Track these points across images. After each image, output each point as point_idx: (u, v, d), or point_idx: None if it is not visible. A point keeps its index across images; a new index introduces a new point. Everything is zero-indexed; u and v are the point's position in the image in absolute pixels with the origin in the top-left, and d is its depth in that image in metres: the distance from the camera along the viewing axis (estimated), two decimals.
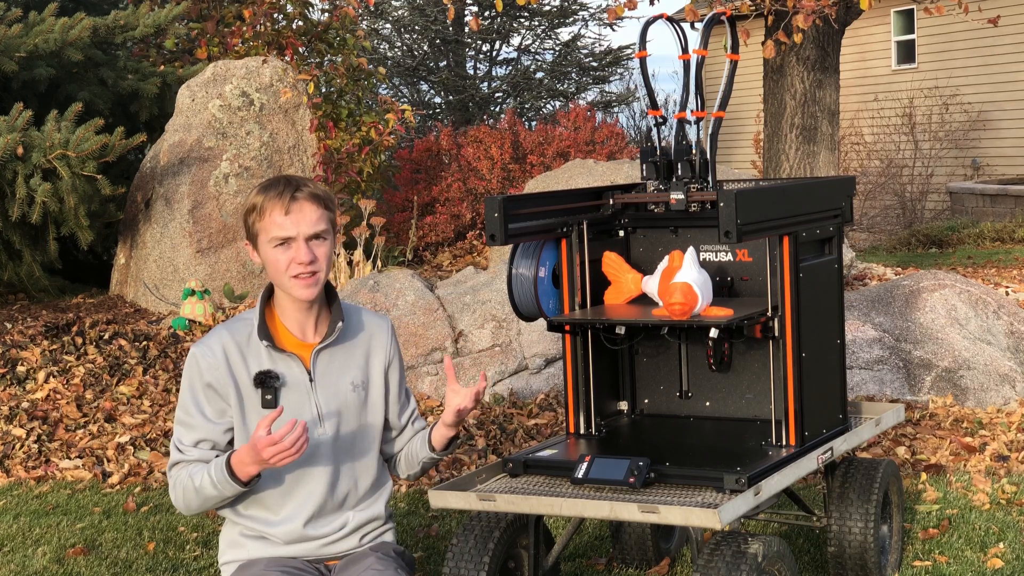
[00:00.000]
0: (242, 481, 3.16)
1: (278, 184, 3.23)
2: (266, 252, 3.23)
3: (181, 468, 3.26)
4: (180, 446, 3.27)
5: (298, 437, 3.05)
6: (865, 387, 6.42)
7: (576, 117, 12.39)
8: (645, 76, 4.06)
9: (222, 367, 3.23)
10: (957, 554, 4.43)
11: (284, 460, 3.07)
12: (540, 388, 6.51)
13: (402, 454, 3.48)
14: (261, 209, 3.21)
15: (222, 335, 3.27)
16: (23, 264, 8.64)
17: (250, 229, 3.26)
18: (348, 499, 3.33)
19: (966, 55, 18.77)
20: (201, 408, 3.25)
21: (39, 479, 5.73)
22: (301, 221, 3.19)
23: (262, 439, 3.05)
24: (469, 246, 11.00)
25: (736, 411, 3.98)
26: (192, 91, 8.97)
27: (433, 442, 3.40)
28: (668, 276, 3.62)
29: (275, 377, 3.24)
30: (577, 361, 3.90)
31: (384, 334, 3.42)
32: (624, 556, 4.39)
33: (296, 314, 3.28)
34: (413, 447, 3.46)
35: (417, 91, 21.67)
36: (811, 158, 9.30)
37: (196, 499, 3.23)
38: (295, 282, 3.21)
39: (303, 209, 3.19)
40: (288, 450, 3.04)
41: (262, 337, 3.24)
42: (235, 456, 3.15)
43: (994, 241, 13.31)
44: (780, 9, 8.08)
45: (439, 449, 3.41)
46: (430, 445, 3.41)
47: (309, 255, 3.19)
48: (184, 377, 3.29)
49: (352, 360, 3.34)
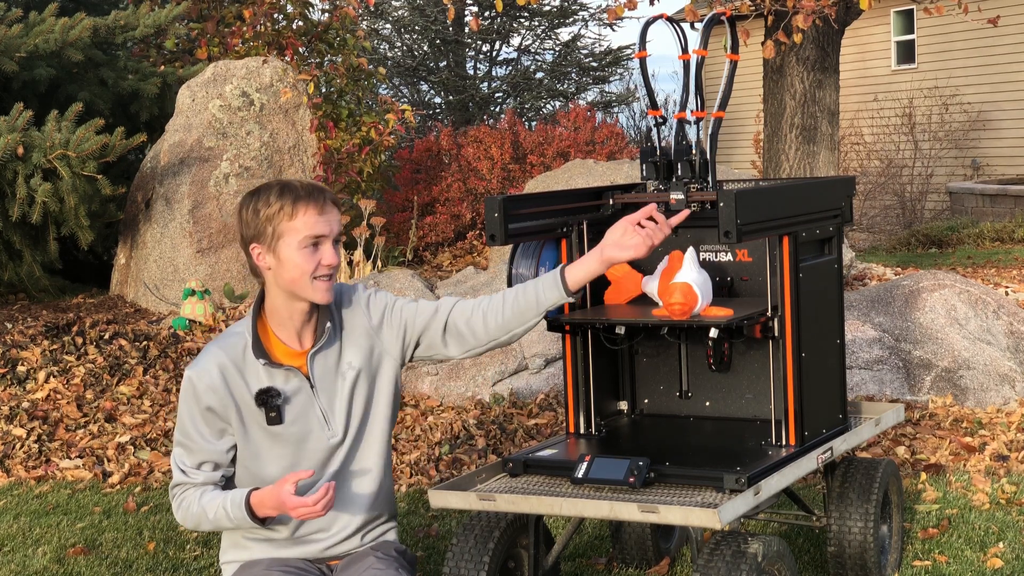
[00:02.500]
0: (260, 519, 3.17)
1: (299, 187, 3.19)
2: (290, 253, 3.16)
3: (187, 490, 3.25)
4: (183, 467, 3.25)
5: (329, 501, 3.05)
6: (865, 387, 6.42)
7: (576, 117, 12.39)
8: (645, 76, 4.06)
9: (221, 389, 3.21)
10: (957, 554, 4.43)
11: (309, 519, 3.11)
12: (540, 388, 6.51)
13: (505, 303, 3.24)
14: (292, 210, 3.15)
15: (217, 355, 3.23)
16: (23, 264, 8.65)
17: (273, 230, 3.17)
18: (352, 499, 3.33)
19: (966, 55, 18.77)
20: (200, 431, 3.23)
21: (39, 479, 5.74)
22: (332, 221, 3.19)
23: (291, 499, 3.04)
24: (469, 246, 11.01)
25: (736, 411, 3.98)
26: (192, 91, 8.97)
27: (570, 281, 3.20)
28: (668, 276, 3.62)
29: (276, 395, 3.22)
30: (577, 361, 3.90)
31: (356, 303, 3.33)
32: (624, 556, 4.39)
33: (295, 322, 3.24)
34: (522, 292, 3.22)
35: (417, 91, 21.68)
36: (811, 158, 9.30)
37: (208, 526, 3.23)
38: (318, 284, 3.18)
39: (332, 211, 3.20)
40: (317, 512, 3.05)
41: (258, 356, 3.21)
42: (256, 497, 3.14)
43: (994, 241, 13.32)
44: (780, 9, 8.09)
45: (575, 290, 3.20)
46: (564, 286, 3.19)
47: (336, 257, 3.19)
48: (181, 401, 3.26)
49: (344, 348, 3.30)
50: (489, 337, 3.30)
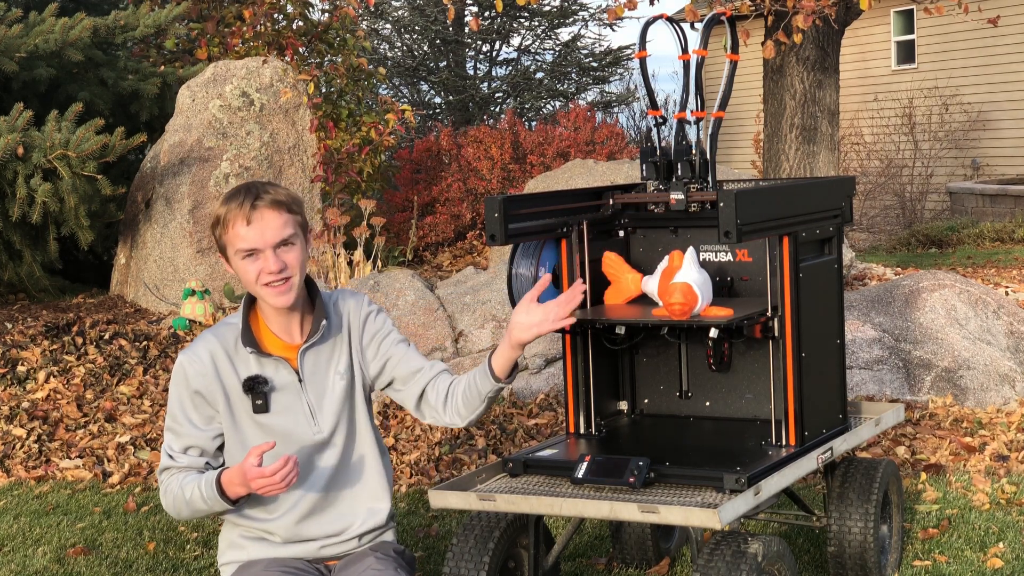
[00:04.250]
0: (231, 500, 3.16)
1: (238, 194, 3.16)
2: (235, 264, 3.19)
3: (171, 474, 3.26)
4: (170, 452, 3.26)
5: (288, 473, 3.03)
6: (865, 387, 6.42)
7: (576, 117, 12.39)
8: (645, 76, 4.06)
9: (210, 374, 3.22)
10: (957, 554, 4.43)
11: (271, 492, 3.06)
12: (540, 388, 6.51)
13: (459, 397, 3.29)
14: (224, 221, 3.15)
15: (209, 341, 3.25)
16: (23, 264, 8.65)
17: (218, 241, 3.21)
18: (347, 498, 3.33)
19: (966, 55, 18.77)
20: (188, 416, 3.24)
21: (39, 479, 5.74)
22: (265, 230, 3.13)
23: (252, 470, 3.03)
24: (469, 246, 11.01)
25: (736, 411, 3.98)
26: (192, 91, 8.97)
27: (496, 370, 3.23)
28: (668, 276, 3.62)
29: (264, 382, 3.23)
30: (577, 361, 3.90)
31: (355, 310, 3.34)
32: (624, 556, 4.39)
33: (280, 318, 3.26)
34: (470, 383, 3.26)
35: (417, 91, 21.67)
36: (811, 158, 9.30)
37: (187, 510, 3.23)
38: (268, 291, 3.18)
39: (264, 217, 3.14)
40: (277, 484, 3.03)
41: (246, 344, 3.22)
42: (225, 475, 3.14)
43: (994, 241, 13.32)
44: (780, 9, 8.09)
45: (505, 376, 3.23)
46: (493, 375, 3.23)
47: (278, 263, 3.15)
48: (172, 384, 3.28)
49: (337, 351, 3.32)
50: (450, 419, 3.34)
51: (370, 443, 3.36)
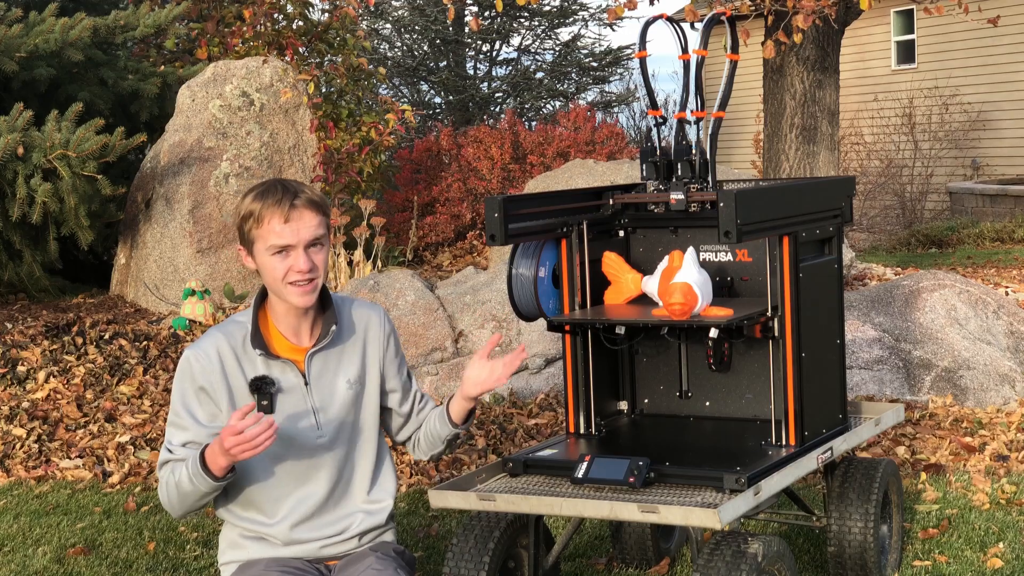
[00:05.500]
0: (215, 474, 3.12)
1: (275, 190, 3.18)
2: (263, 259, 3.19)
3: (169, 468, 3.24)
4: (170, 446, 3.25)
5: (260, 431, 3.00)
6: (865, 387, 6.42)
7: (576, 117, 12.39)
8: (645, 76, 4.07)
9: (216, 371, 3.22)
10: (957, 554, 4.43)
11: (245, 453, 3.02)
12: (540, 388, 6.51)
13: (421, 436, 3.47)
14: (259, 217, 3.16)
15: (217, 338, 3.25)
16: (23, 264, 8.64)
17: (246, 236, 3.21)
18: (348, 500, 3.33)
19: (966, 55, 18.77)
20: (192, 411, 3.24)
21: (39, 479, 5.74)
22: (301, 228, 3.16)
23: (225, 429, 3.03)
24: (469, 246, 11.01)
25: (736, 411, 3.99)
26: (192, 91, 8.97)
27: (453, 416, 3.40)
28: (668, 276, 3.63)
29: (271, 383, 3.23)
30: (577, 361, 3.90)
31: (378, 325, 3.38)
32: (624, 556, 4.39)
33: (291, 319, 3.26)
34: (431, 426, 3.45)
35: (417, 91, 21.67)
36: (811, 158, 9.30)
37: (177, 495, 3.19)
38: (293, 289, 3.19)
39: (303, 217, 3.16)
40: (249, 443, 3.00)
41: (255, 345, 3.22)
42: (208, 448, 3.12)
43: (994, 241, 13.32)
44: (780, 9, 8.09)
45: (460, 423, 3.41)
46: (450, 420, 3.40)
47: (308, 263, 3.17)
48: (176, 379, 3.27)
49: (347, 358, 3.32)
50: (420, 453, 3.52)
51: (373, 446, 3.37)
